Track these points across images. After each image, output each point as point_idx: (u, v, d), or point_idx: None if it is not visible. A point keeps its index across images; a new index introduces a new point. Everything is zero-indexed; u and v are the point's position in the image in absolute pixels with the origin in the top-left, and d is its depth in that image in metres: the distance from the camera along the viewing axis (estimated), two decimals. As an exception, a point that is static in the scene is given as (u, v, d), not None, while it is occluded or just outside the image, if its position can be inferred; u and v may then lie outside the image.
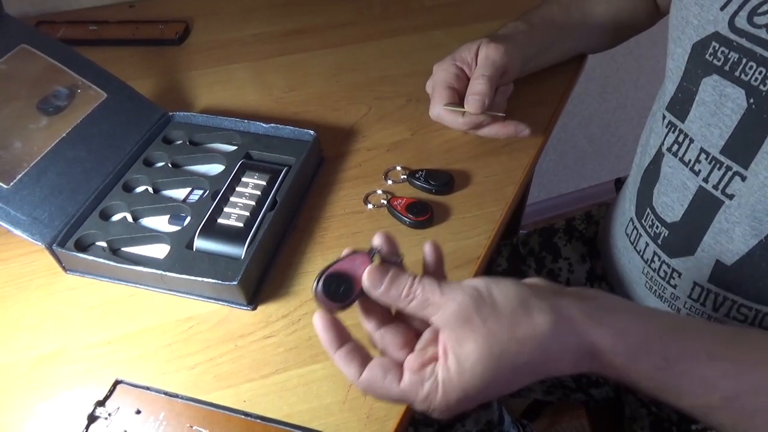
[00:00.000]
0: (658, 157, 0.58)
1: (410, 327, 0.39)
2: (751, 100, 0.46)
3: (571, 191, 1.79)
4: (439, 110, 0.66)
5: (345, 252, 0.38)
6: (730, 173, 0.49)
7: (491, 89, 0.62)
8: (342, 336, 0.37)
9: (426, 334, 0.39)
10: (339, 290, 0.37)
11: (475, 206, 0.61)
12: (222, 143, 0.66)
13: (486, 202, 0.61)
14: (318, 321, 0.37)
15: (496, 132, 0.65)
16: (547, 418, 1.18)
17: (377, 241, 0.38)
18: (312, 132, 0.64)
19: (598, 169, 1.76)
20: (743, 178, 0.48)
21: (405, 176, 0.63)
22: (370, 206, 0.61)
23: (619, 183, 0.78)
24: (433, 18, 0.90)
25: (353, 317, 0.39)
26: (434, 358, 0.36)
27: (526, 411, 1.21)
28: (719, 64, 0.48)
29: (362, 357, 0.37)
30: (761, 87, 0.45)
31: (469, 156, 0.67)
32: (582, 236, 0.80)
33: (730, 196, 0.49)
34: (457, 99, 0.65)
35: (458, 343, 0.34)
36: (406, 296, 0.36)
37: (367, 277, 0.37)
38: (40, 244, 0.53)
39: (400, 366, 0.37)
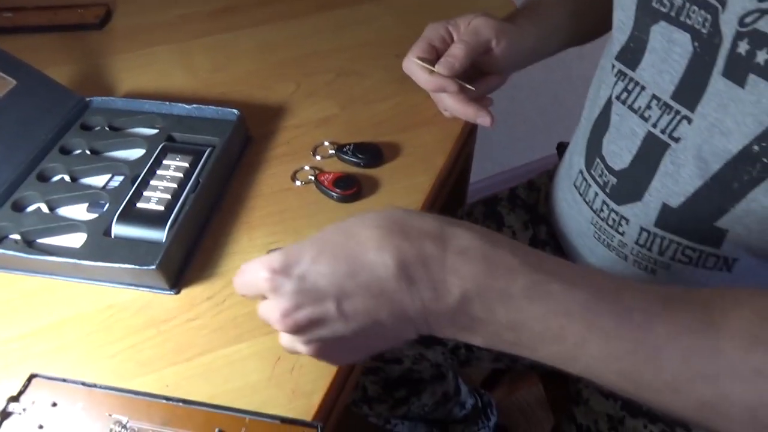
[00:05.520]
0: (607, 107, 0.58)
1: None
2: (696, 44, 0.47)
3: (522, 164, 1.80)
4: (409, 62, 0.62)
5: None
6: (678, 117, 0.50)
7: (466, 56, 0.60)
8: None
9: None
10: None
11: (404, 177, 0.61)
12: (143, 127, 0.64)
13: (415, 172, 0.61)
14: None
15: (454, 106, 0.63)
16: (505, 386, 1.20)
17: None
18: (236, 111, 0.62)
19: (549, 140, 1.77)
20: (689, 121, 0.49)
21: (333, 151, 0.62)
22: (297, 183, 0.60)
23: (562, 147, 0.78)
24: (364, -9, 0.89)
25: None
26: None
27: (484, 381, 1.23)
28: (665, 10, 0.49)
29: None
30: (702, 30, 0.46)
31: (399, 128, 0.66)
32: (525, 204, 0.80)
33: (677, 139, 0.50)
34: (434, 57, 0.61)
35: None
36: None
37: None
38: (-54, 240, 0.50)
39: None
